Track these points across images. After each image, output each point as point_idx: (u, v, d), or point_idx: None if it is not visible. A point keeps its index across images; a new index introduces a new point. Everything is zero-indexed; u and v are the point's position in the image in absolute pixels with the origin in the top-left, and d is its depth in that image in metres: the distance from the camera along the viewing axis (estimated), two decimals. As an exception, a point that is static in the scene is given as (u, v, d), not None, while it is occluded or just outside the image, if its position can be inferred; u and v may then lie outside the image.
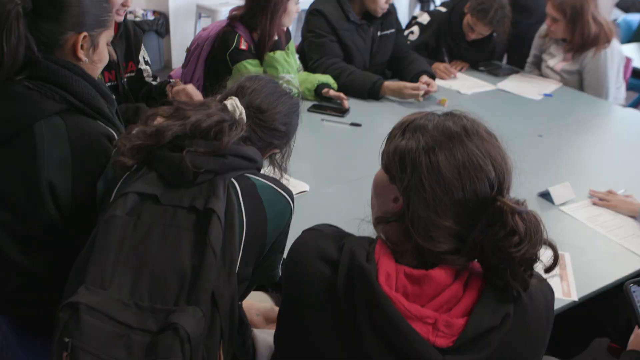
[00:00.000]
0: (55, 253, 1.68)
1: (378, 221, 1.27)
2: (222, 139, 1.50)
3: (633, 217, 2.28)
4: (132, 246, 1.39)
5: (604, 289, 1.96)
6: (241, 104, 1.61)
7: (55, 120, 1.59)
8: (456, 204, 1.18)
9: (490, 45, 3.91)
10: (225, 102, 1.61)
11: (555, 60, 3.72)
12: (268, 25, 2.78)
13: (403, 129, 1.27)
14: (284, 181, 1.71)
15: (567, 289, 1.91)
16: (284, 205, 1.57)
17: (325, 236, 1.33)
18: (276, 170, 1.80)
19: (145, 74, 2.83)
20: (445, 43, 3.83)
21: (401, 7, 6.63)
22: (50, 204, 1.62)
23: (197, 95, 2.54)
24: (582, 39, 3.49)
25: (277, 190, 1.56)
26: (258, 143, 1.65)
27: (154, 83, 2.84)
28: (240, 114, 1.59)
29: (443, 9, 3.92)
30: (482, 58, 3.93)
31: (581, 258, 2.07)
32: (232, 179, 1.51)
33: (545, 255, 1.19)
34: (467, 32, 3.73)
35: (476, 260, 1.23)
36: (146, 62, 2.85)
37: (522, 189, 2.34)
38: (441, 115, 1.27)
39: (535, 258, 1.18)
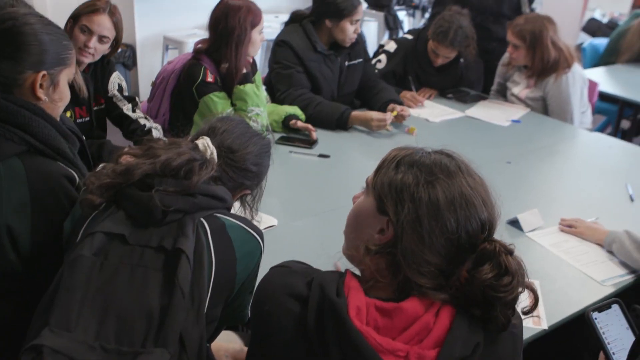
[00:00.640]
0: (17, 299, 1.64)
1: (366, 252, 1.26)
2: (191, 178, 1.49)
3: (600, 245, 2.28)
4: (99, 287, 1.37)
5: (572, 316, 1.96)
6: (212, 144, 1.61)
7: (14, 163, 1.56)
8: (448, 241, 1.20)
9: (457, 70, 3.94)
10: (197, 141, 1.61)
11: (520, 88, 3.76)
12: (234, 57, 2.76)
13: (396, 162, 1.29)
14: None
15: (537, 317, 1.91)
16: (253, 245, 1.55)
17: (293, 272, 1.31)
18: (247, 212, 1.80)
19: (115, 99, 2.82)
20: (413, 70, 3.85)
21: (370, 35, 6.68)
22: (9, 248, 1.58)
23: None
24: (542, 64, 3.54)
25: (246, 230, 1.55)
26: (229, 183, 1.65)
27: (134, 115, 2.82)
28: (212, 153, 1.59)
29: (409, 37, 3.95)
30: (450, 84, 3.95)
31: (550, 285, 2.07)
32: (202, 219, 1.49)
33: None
34: (432, 58, 3.76)
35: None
36: (119, 87, 2.84)
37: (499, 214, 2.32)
38: (435, 153, 1.30)
39: (517, 298, 1.21)
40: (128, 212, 1.48)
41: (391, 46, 3.87)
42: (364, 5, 6.63)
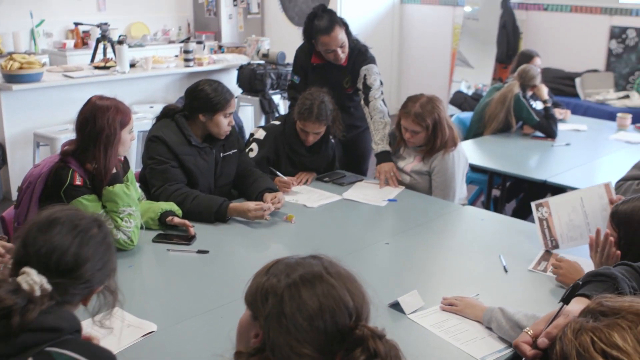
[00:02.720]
0: None
1: (237, 357, 1.30)
2: (12, 320, 1.35)
3: (479, 322, 2.32)
4: None
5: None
6: (39, 271, 1.45)
7: None
8: (317, 331, 1.25)
9: (329, 149, 4.00)
10: (19, 279, 1.44)
11: (406, 162, 3.83)
12: (103, 158, 2.70)
13: (267, 270, 1.37)
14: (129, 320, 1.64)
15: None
16: None
17: None
18: (108, 302, 1.67)
19: None
20: (285, 154, 3.87)
21: (247, 119, 6.75)
22: None
23: None
24: (441, 143, 3.64)
25: None
26: (75, 299, 1.54)
27: None
28: (41, 285, 1.44)
29: (277, 122, 4.01)
30: (323, 163, 3.99)
31: (434, 369, 2.08)
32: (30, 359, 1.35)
33: None
34: (303, 137, 3.81)
35: None
36: None
37: (372, 302, 2.34)
38: (305, 257, 1.39)
39: None
40: None
41: (260, 134, 3.89)
42: (239, 91, 6.72)
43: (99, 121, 2.69)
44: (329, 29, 3.98)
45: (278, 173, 3.74)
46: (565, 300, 1.59)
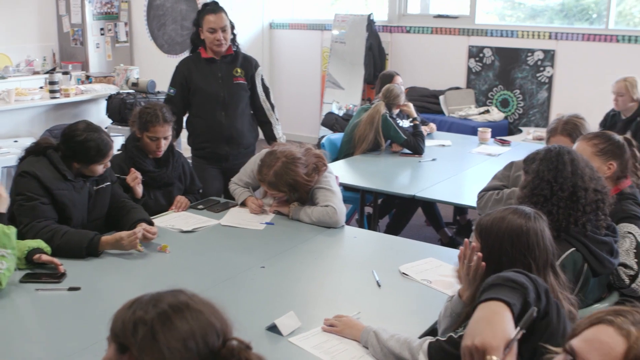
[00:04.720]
0: None
1: None
2: None
3: (358, 341, 2.35)
4: None
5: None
6: None
7: None
8: (191, 353, 1.32)
9: (177, 159, 3.98)
10: None
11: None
12: None
13: (130, 305, 1.40)
14: None
15: None
16: None
17: None
18: None
19: None
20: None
21: (117, 150, 6.60)
22: None
23: None
24: (307, 192, 3.65)
25: None
26: None
27: None
28: None
29: (118, 152, 4.00)
30: (176, 174, 3.95)
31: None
32: None
33: None
34: (154, 148, 3.80)
35: None
36: None
37: (248, 325, 2.38)
38: (166, 291, 1.44)
39: None
40: None
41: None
42: (108, 121, 6.58)
43: None
44: (216, 10, 4.46)
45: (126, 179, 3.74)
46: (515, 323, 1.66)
